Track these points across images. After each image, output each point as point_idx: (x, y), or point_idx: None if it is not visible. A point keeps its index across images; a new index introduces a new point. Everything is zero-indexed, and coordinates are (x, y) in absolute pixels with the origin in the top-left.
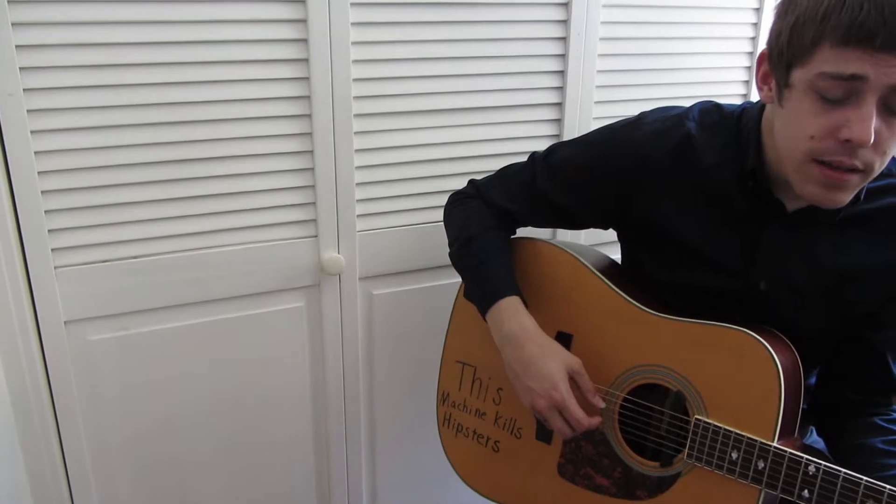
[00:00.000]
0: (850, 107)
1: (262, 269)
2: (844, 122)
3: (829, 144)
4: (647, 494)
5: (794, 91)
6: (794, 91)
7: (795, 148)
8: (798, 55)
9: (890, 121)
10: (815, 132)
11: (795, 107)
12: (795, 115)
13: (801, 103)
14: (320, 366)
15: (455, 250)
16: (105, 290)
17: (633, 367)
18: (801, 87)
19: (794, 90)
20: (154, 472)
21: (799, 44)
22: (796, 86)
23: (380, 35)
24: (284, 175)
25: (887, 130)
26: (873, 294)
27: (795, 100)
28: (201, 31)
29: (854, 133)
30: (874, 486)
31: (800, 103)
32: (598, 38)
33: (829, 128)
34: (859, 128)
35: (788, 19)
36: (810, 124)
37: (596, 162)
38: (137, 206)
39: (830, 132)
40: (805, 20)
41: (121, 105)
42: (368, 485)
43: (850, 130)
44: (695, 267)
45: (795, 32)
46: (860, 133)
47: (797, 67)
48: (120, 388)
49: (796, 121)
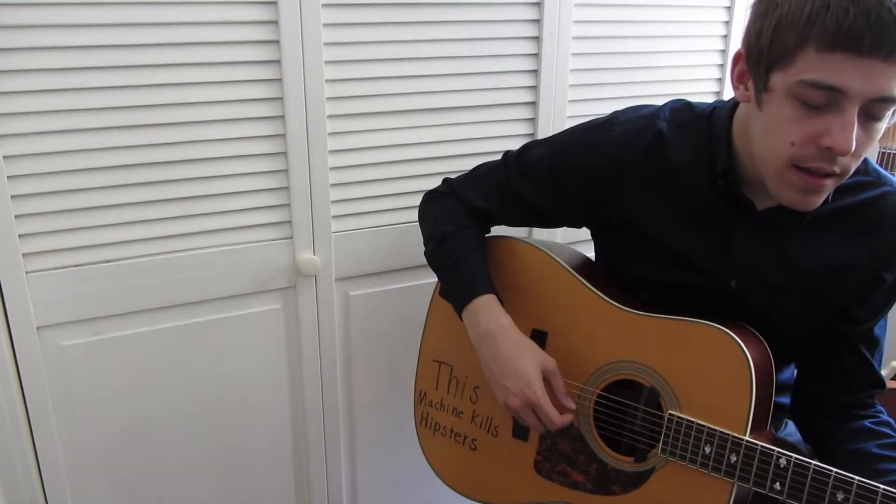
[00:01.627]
0: (831, 114)
1: (237, 271)
2: (825, 130)
3: (809, 151)
4: (622, 489)
5: (773, 95)
6: (774, 95)
7: (776, 155)
8: (779, 58)
9: (868, 126)
10: (795, 139)
11: (775, 112)
12: (775, 121)
13: (782, 109)
14: (297, 368)
15: (430, 249)
16: (78, 295)
17: (608, 363)
18: (781, 92)
19: (774, 94)
20: (130, 478)
21: (780, 47)
22: (776, 90)
23: (352, 36)
24: (258, 177)
25: (865, 135)
26: (843, 290)
27: (775, 104)
28: (171, 33)
29: (836, 142)
30: (843, 477)
31: (780, 108)
32: (570, 37)
33: (811, 134)
34: (841, 137)
35: (769, 20)
36: (791, 131)
37: (568, 161)
38: (109, 209)
39: (811, 139)
40: (787, 23)
41: (92, 108)
42: (348, 486)
43: (831, 139)
44: (667, 265)
45: (777, 35)
46: (842, 142)
47: (778, 71)
48: (94, 393)
49: (777, 127)
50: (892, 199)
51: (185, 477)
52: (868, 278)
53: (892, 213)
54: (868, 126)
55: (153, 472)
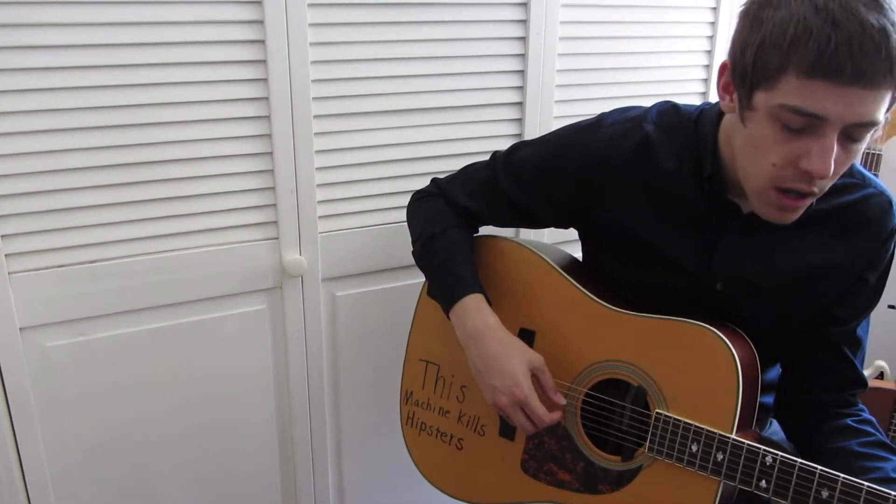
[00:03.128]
0: (811, 137)
1: (223, 271)
2: (805, 153)
3: (789, 172)
4: (609, 488)
5: (756, 115)
6: (757, 115)
7: (759, 174)
8: (762, 79)
9: (848, 147)
10: (776, 160)
11: (758, 131)
12: (758, 141)
13: (764, 129)
14: (284, 368)
15: (418, 248)
16: (62, 296)
17: (595, 362)
18: (763, 113)
19: (757, 114)
20: (115, 481)
21: (763, 68)
22: (759, 110)
23: (338, 36)
24: (244, 177)
25: (844, 155)
26: (827, 292)
27: (758, 125)
28: (156, 32)
29: (814, 166)
30: (828, 474)
31: (762, 129)
32: (557, 37)
33: (791, 157)
34: (819, 162)
35: (754, 38)
36: (772, 152)
37: (556, 163)
38: (94, 209)
39: (791, 161)
40: (770, 44)
41: (75, 108)
42: (335, 486)
43: (810, 163)
44: (653, 267)
45: (760, 55)
46: (820, 167)
47: (761, 91)
48: (78, 395)
49: (759, 146)
50: (876, 201)
51: (171, 478)
52: (851, 279)
53: (875, 215)
54: (847, 147)
55: (139, 474)
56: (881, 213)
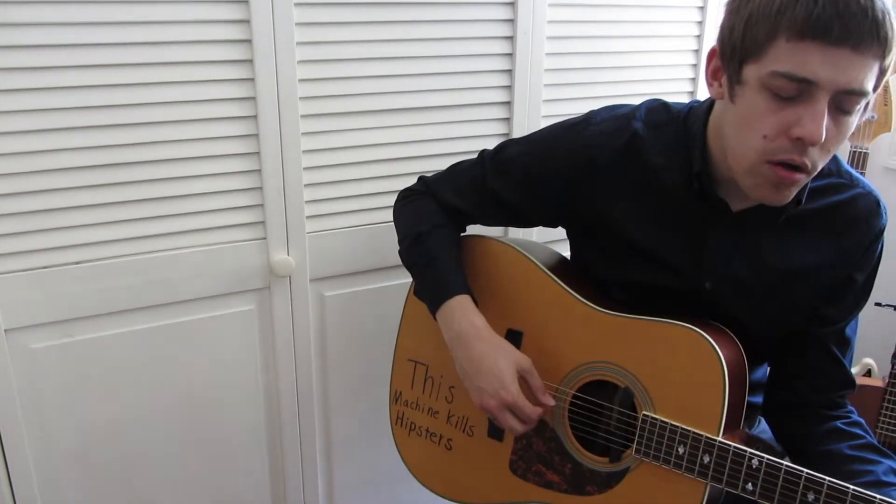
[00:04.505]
0: (801, 104)
1: (211, 272)
2: (796, 121)
3: (781, 143)
4: (596, 490)
5: (746, 88)
6: (747, 88)
7: (749, 147)
8: (752, 51)
9: (839, 119)
10: (767, 131)
11: (748, 104)
12: (748, 113)
13: (754, 100)
14: (273, 369)
15: (405, 247)
16: (48, 297)
17: (583, 364)
18: (753, 84)
19: (747, 87)
20: (103, 482)
21: (752, 39)
22: (749, 83)
23: (325, 35)
24: (231, 177)
25: (835, 129)
26: (816, 291)
27: (748, 97)
28: (142, 32)
29: (806, 132)
30: (814, 477)
31: (752, 101)
32: (545, 36)
33: (782, 126)
34: (811, 127)
35: (741, 15)
36: (763, 123)
37: (544, 161)
38: (79, 210)
39: (783, 130)
40: (759, 16)
41: (60, 108)
42: (325, 487)
43: (801, 129)
44: (642, 265)
45: (749, 28)
46: (812, 132)
47: (750, 63)
48: (65, 397)
49: (749, 119)
50: (864, 200)
51: (159, 480)
52: (840, 279)
53: (863, 215)
54: (838, 119)
55: (126, 476)
56: (869, 213)
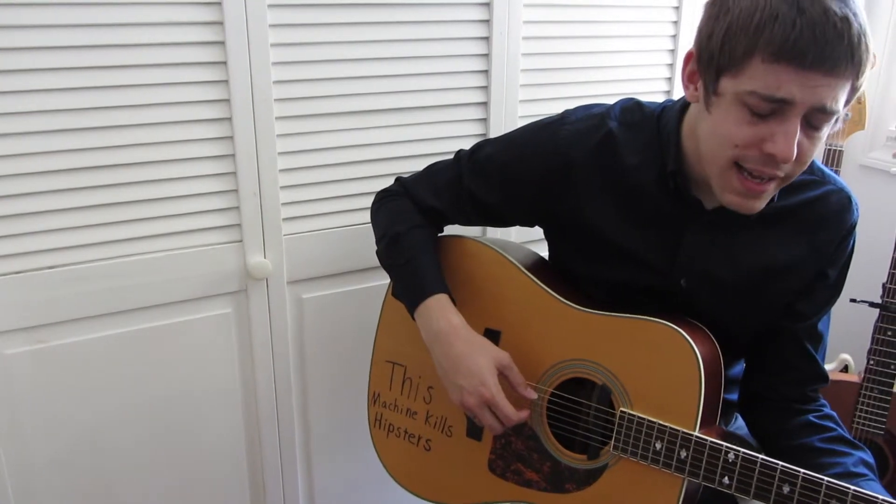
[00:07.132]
0: (775, 121)
1: (186, 275)
2: (769, 137)
3: (752, 153)
4: (575, 487)
5: (722, 100)
6: (723, 100)
7: (720, 154)
8: (729, 64)
9: (811, 134)
10: (739, 141)
11: (723, 115)
12: (722, 123)
13: (729, 112)
14: (250, 372)
15: (382, 248)
16: (20, 302)
17: (560, 361)
18: (729, 98)
19: (723, 99)
20: (80, 490)
21: (730, 53)
22: (725, 95)
23: (299, 37)
24: (206, 179)
25: (808, 142)
26: (790, 287)
27: (723, 109)
28: (114, 34)
29: (778, 149)
30: (789, 470)
31: (727, 112)
32: (520, 37)
33: (755, 139)
34: (783, 144)
35: (720, 24)
36: (736, 133)
37: (520, 161)
38: (52, 214)
39: (755, 143)
40: (737, 29)
41: (32, 111)
42: (305, 490)
43: (774, 146)
44: (618, 264)
45: (727, 41)
46: (784, 150)
47: (727, 76)
48: (40, 404)
49: (723, 128)
50: (836, 197)
51: (136, 487)
52: (812, 275)
53: (835, 212)
54: (810, 135)
55: (104, 483)
56: (840, 210)
